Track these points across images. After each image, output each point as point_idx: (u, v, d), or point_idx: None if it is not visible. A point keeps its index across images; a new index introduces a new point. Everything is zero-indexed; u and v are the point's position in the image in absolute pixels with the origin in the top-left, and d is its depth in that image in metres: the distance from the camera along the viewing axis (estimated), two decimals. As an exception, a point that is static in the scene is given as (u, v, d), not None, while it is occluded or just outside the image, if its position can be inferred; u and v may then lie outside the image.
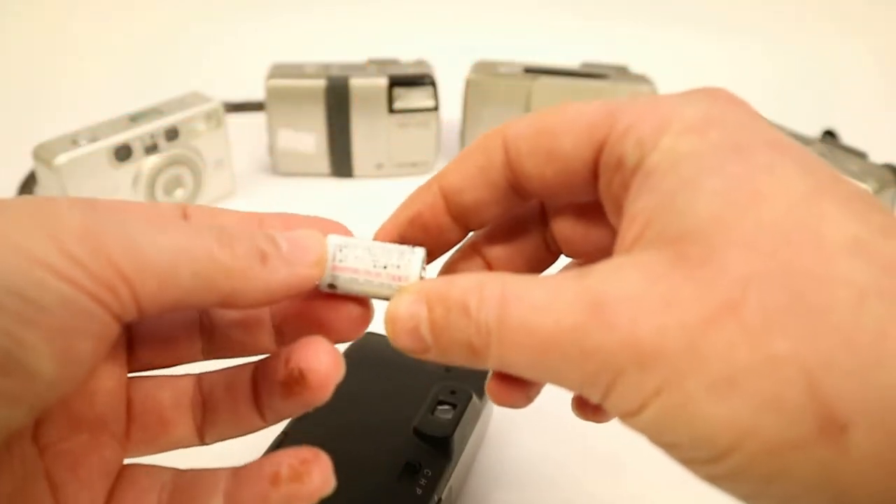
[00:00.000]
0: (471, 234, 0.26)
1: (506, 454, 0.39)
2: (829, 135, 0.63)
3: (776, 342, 0.16)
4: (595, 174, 0.22)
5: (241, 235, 0.21)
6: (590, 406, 0.25)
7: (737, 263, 0.17)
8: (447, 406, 0.34)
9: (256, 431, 0.24)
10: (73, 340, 0.18)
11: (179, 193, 0.57)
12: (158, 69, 0.80)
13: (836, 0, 0.88)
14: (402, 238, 0.25)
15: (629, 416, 0.18)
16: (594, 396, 0.18)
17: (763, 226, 0.17)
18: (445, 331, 0.20)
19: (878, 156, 0.54)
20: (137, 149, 0.53)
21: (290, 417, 0.23)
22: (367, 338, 0.39)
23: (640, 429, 0.18)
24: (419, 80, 0.61)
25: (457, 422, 0.33)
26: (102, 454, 0.23)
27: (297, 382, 0.21)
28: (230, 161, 0.60)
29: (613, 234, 0.22)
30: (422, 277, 0.23)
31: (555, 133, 0.22)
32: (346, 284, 0.23)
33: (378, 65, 0.62)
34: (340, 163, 0.63)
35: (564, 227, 0.25)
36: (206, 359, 0.25)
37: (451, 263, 0.27)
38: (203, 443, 0.25)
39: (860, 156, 0.53)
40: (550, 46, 0.81)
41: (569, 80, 0.62)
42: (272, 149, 0.63)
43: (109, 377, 0.23)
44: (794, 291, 0.16)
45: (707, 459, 0.17)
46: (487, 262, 0.26)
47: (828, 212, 0.17)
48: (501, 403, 0.24)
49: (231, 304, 0.21)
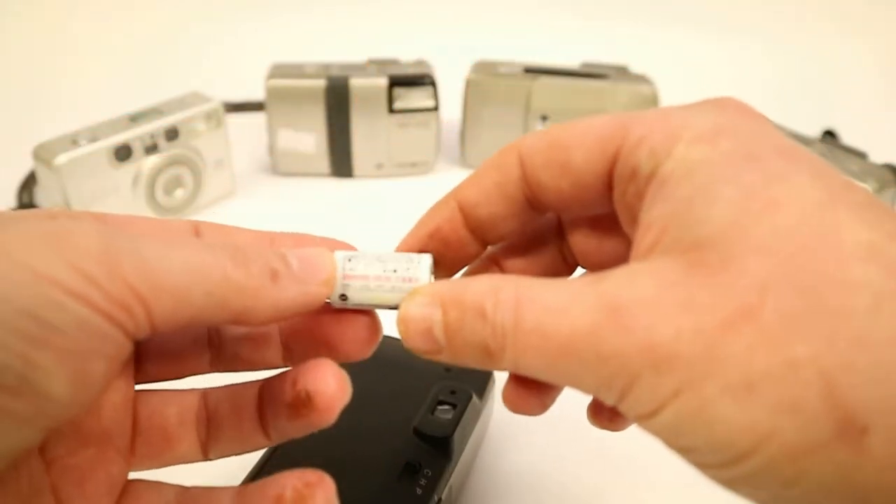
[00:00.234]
0: (489, 249, 0.26)
1: (506, 454, 0.39)
2: (829, 135, 0.63)
3: (794, 346, 0.16)
4: (609, 186, 0.22)
5: (255, 254, 0.21)
6: (605, 415, 0.25)
7: (753, 269, 0.17)
8: (447, 406, 0.34)
9: (260, 449, 0.24)
10: (87, 362, 0.18)
11: (179, 193, 0.57)
12: (158, 69, 0.81)
13: (836, 0, 0.88)
14: (422, 252, 0.25)
15: (645, 419, 0.18)
16: (610, 399, 0.19)
17: (779, 232, 0.17)
18: (459, 333, 0.20)
19: (878, 156, 0.54)
20: (137, 149, 0.53)
21: (295, 437, 0.23)
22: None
23: (657, 431, 0.18)
24: (419, 80, 0.61)
25: (457, 422, 0.33)
26: (109, 469, 0.23)
27: (304, 405, 0.22)
28: (230, 161, 0.60)
29: (629, 246, 0.22)
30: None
31: (568, 146, 0.22)
32: (358, 294, 0.23)
33: (378, 65, 0.62)
34: (340, 163, 0.63)
35: (581, 240, 0.26)
36: (214, 371, 0.25)
37: (469, 274, 0.27)
38: (207, 458, 0.25)
39: (860, 156, 0.53)
40: (550, 46, 0.81)
41: (569, 80, 0.62)
42: (272, 149, 0.63)
43: (116, 391, 0.23)
44: (811, 296, 0.16)
45: (724, 463, 0.17)
46: (504, 273, 0.27)
47: (842, 218, 0.17)
48: (517, 410, 0.24)
49: (241, 322, 0.21)
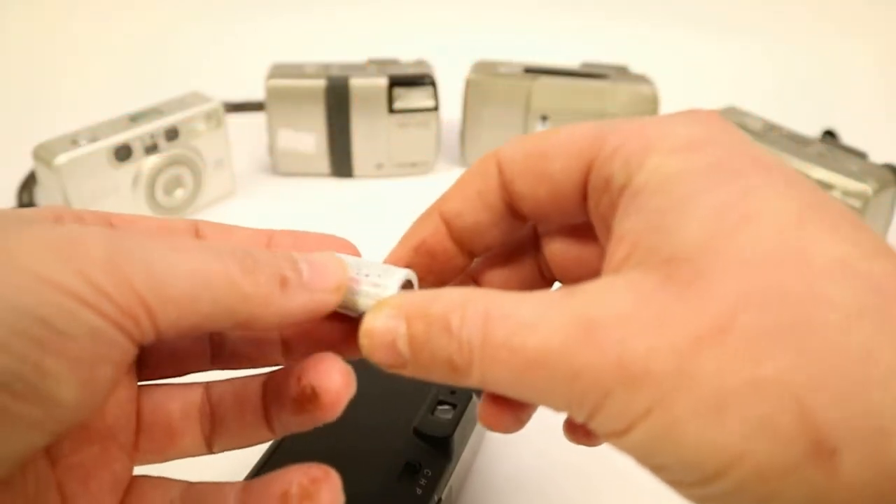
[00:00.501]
0: (475, 261, 0.26)
1: (506, 454, 0.39)
2: (829, 135, 0.63)
3: (765, 364, 0.16)
4: (585, 196, 0.22)
5: (265, 261, 0.21)
6: (581, 430, 0.25)
7: (726, 285, 0.17)
8: (447, 406, 0.34)
9: (264, 442, 0.24)
10: (96, 368, 0.18)
11: (179, 193, 0.57)
12: (158, 69, 0.81)
13: (836, 0, 0.88)
14: (410, 267, 0.25)
15: (616, 437, 0.18)
16: (580, 416, 0.18)
17: (752, 248, 0.17)
18: (425, 346, 0.20)
19: (878, 156, 0.54)
20: (137, 149, 0.53)
21: (300, 431, 0.23)
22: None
23: (628, 449, 0.18)
24: (419, 80, 0.61)
25: (457, 422, 0.33)
26: (113, 467, 0.23)
27: (310, 400, 0.22)
28: (230, 161, 0.60)
29: (603, 260, 0.22)
30: (410, 283, 0.23)
31: (546, 155, 0.22)
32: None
33: (378, 65, 0.62)
34: (340, 163, 0.63)
35: (557, 253, 0.25)
36: (215, 368, 0.26)
37: None
38: (211, 451, 0.25)
39: (860, 156, 0.53)
40: (550, 46, 0.81)
41: (569, 80, 0.62)
42: (272, 149, 0.63)
43: (120, 389, 0.23)
44: (782, 313, 0.16)
45: (696, 482, 0.17)
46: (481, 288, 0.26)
47: (815, 234, 0.17)
48: (494, 428, 0.24)
49: (246, 328, 0.21)
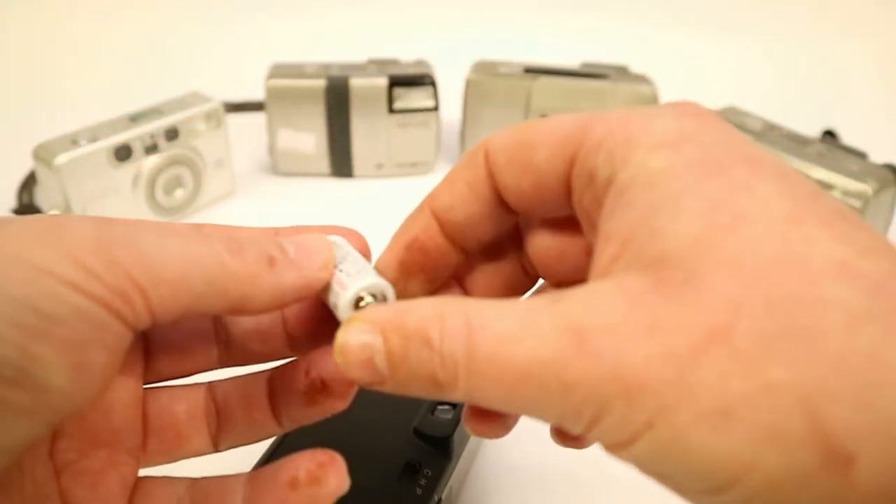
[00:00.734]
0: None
1: (506, 454, 0.39)
2: (829, 135, 0.63)
3: (771, 369, 0.15)
4: (569, 188, 0.21)
5: (250, 242, 0.21)
6: (570, 435, 0.24)
7: (722, 287, 0.16)
8: (447, 406, 0.34)
9: (272, 436, 0.24)
10: (87, 352, 0.18)
11: (179, 193, 0.57)
12: (158, 69, 0.80)
13: (836, 0, 0.88)
14: (403, 265, 0.24)
15: (619, 449, 0.17)
16: (577, 429, 0.17)
17: (747, 248, 0.17)
18: (404, 362, 0.19)
19: (878, 156, 0.54)
20: (137, 149, 0.53)
21: (308, 423, 0.24)
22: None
23: (632, 461, 0.17)
24: (419, 80, 0.61)
25: (457, 422, 0.33)
26: (120, 470, 0.23)
27: (319, 391, 0.22)
28: (230, 161, 0.60)
29: (589, 255, 0.21)
30: (361, 299, 0.22)
31: (531, 145, 0.22)
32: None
33: (378, 65, 0.62)
34: (340, 163, 0.63)
35: (540, 250, 0.25)
36: (222, 367, 0.25)
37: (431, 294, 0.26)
38: (217, 450, 0.25)
39: (860, 156, 0.53)
40: (550, 46, 0.81)
41: (569, 80, 0.62)
42: (272, 149, 0.63)
43: (125, 390, 0.23)
44: (784, 316, 0.16)
45: (705, 492, 0.16)
46: (465, 289, 0.26)
47: (812, 232, 0.17)
48: (481, 435, 0.23)
49: (242, 310, 0.21)
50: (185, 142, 0.56)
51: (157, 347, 0.24)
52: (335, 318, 0.22)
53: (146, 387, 0.24)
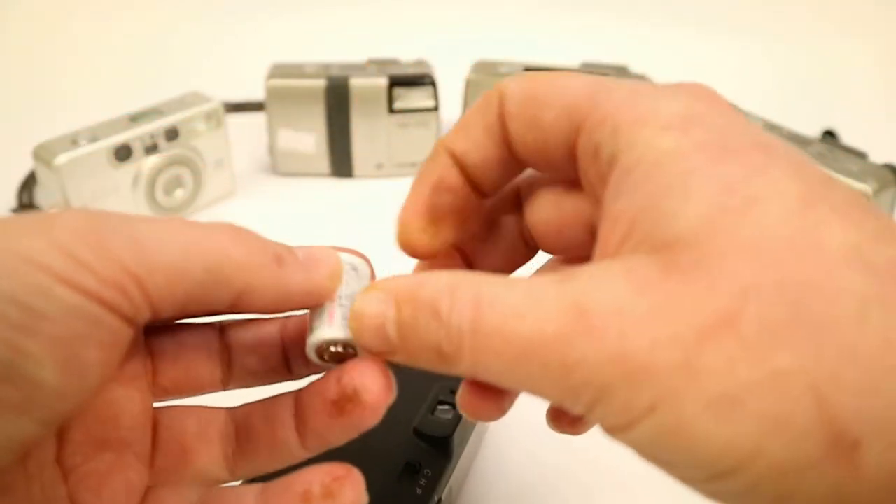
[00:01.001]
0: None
1: (506, 454, 0.39)
2: (829, 135, 0.63)
3: (779, 356, 0.15)
4: (573, 155, 0.21)
5: (257, 237, 0.21)
6: (566, 419, 0.24)
7: (732, 272, 0.16)
8: (447, 406, 0.34)
9: (295, 462, 0.23)
10: (79, 348, 0.18)
11: (179, 193, 0.57)
12: (158, 69, 0.80)
13: (836, 0, 0.88)
14: (432, 209, 0.24)
15: (618, 432, 0.17)
16: (577, 409, 0.17)
17: (759, 232, 0.16)
18: (414, 333, 0.19)
19: (878, 156, 0.54)
20: (137, 149, 0.53)
21: (336, 444, 0.23)
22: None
23: (631, 445, 0.17)
24: (419, 80, 0.61)
25: (457, 422, 0.33)
26: (127, 475, 0.22)
27: (350, 400, 0.21)
28: (230, 161, 0.60)
29: (588, 230, 0.21)
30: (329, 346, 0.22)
31: (541, 102, 0.21)
32: (341, 308, 0.22)
33: (378, 65, 0.62)
34: (340, 163, 0.63)
35: (539, 222, 0.24)
36: (225, 389, 0.25)
37: (431, 268, 0.26)
38: (234, 477, 0.24)
39: (860, 156, 0.53)
40: (550, 46, 0.81)
41: (569, 80, 0.62)
42: (272, 149, 0.63)
43: (133, 402, 0.23)
44: (795, 302, 0.15)
45: (707, 479, 0.16)
46: (466, 258, 0.26)
47: (824, 218, 0.16)
48: (474, 416, 0.23)
49: (245, 305, 0.20)
50: (185, 142, 0.56)
51: (161, 362, 0.24)
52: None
53: (158, 406, 0.24)
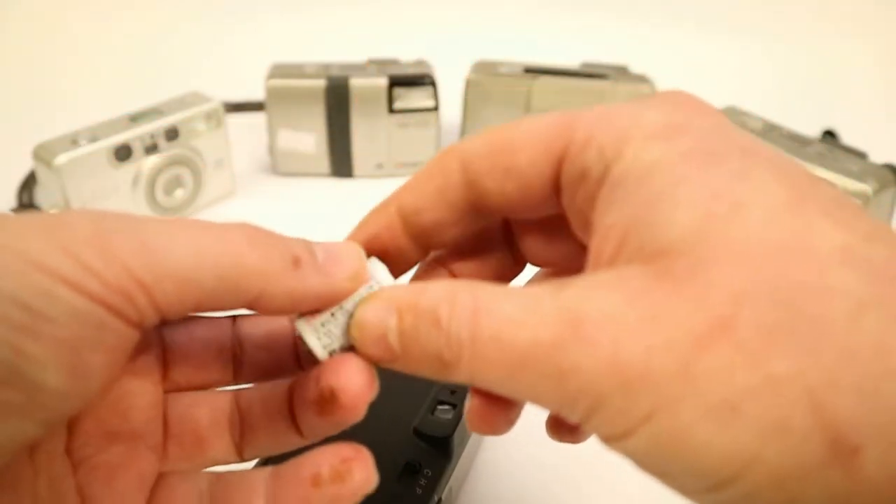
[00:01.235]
0: (432, 254, 0.25)
1: (506, 454, 0.39)
2: (829, 135, 0.63)
3: (775, 361, 0.15)
4: (556, 188, 0.21)
5: (276, 238, 0.20)
6: (565, 428, 0.24)
7: (725, 278, 0.16)
8: (447, 406, 0.34)
9: (296, 447, 0.24)
10: (83, 352, 0.18)
11: (179, 193, 0.57)
12: (158, 69, 0.80)
13: (836, 0, 0.88)
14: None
15: (615, 441, 0.17)
16: (574, 418, 0.17)
17: (748, 237, 0.16)
18: (415, 341, 0.19)
19: (878, 156, 0.54)
20: (137, 149, 0.53)
21: (329, 435, 0.23)
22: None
23: (628, 455, 0.17)
24: (419, 80, 0.61)
25: (457, 422, 0.33)
26: (139, 466, 0.22)
27: (328, 402, 0.21)
28: (230, 161, 0.60)
29: (580, 245, 0.21)
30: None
31: (511, 150, 0.21)
32: (332, 318, 0.22)
33: (378, 65, 0.62)
34: (340, 163, 0.63)
35: (530, 240, 0.24)
36: (236, 383, 0.25)
37: (416, 277, 0.26)
38: (242, 459, 0.24)
39: (860, 156, 0.53)
40: (550, 46, 0.81)
41: (569, 80, 0.62)
42: (272, 149, 0.63)
43: (144, 395, 0.23)
44: (789, 306, 0.15)
45: (705, 489, 0.16)
46: (453, 275, 0.26)
47: (812, 220, 0.16)
48: (482, 432, 0.23)
49: (259, 307, 0.20)
50: (185, 142, 0.56)
51: (174, 357, 0.24)
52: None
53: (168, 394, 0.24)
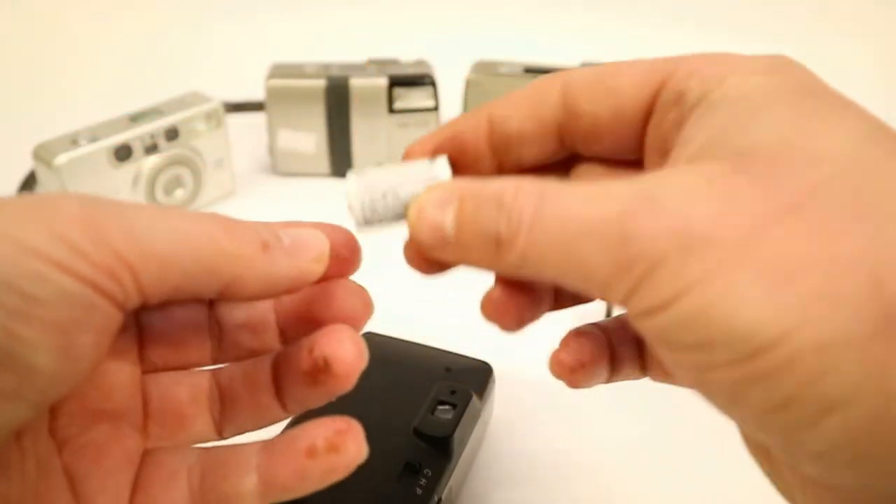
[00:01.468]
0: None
1: (506, 454, 0.39)
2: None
3: (842, 241, 0.16)
4: (647, 116, 0.22)
5: (244, 223, 0.21)
6: (566, 366, 0.24)
7: (803, 175, 0.17)
8: (447, 406, 0.34)
9: (277, 422, 0.24)
10: (74, 334, 0.18)
11: (179, 193, 0.57)
12: (158, 69, 0.80)
13: (836, 0, 0.88)
14: (436, 152, 0.25)
15: (657, 312, 0.17)
16: (621, 289, 0.17)
17: (832, 149, 0.17)
18: (472, 222, 0.20)
19: (878, 156, 0.54)
20: (137, 149, 0.53)
21: (314, 406, 0.23)
22: (368, 338, 0.39)
23: (666, 325, 0.17)
24: (419, 80, 0.61)
25: (457, 422, 0.33)
26: (124, 444, 0.23)
27: (322, 371, 0.21)
28: (230, 161, 0.60)
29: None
30: None
31: (616, 73, 0.22)
32: (381, 202, 0.23)
33: (378, 65, 0.62)
34: (340, 163, 0.63)
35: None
36: (215, 363, 0.25)
37: None
38: (221, 437, 0.25)
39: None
40: (550, 46, 0.81)
41: (569, 80, 0.62)
42: (272, 149, 0.63)
43: (123, 373, 0.23)
44: (862, 202, 0.16)
45: (738, 359, 0.16)
46: None
47: (893, 148, 0.17)
48: (494, 318, 0.22)
49: (232, 293, 0.21)
50: (185, 142, 0.56)
51: (151, 338, 0.24)
52: (332, 310, 0.23)
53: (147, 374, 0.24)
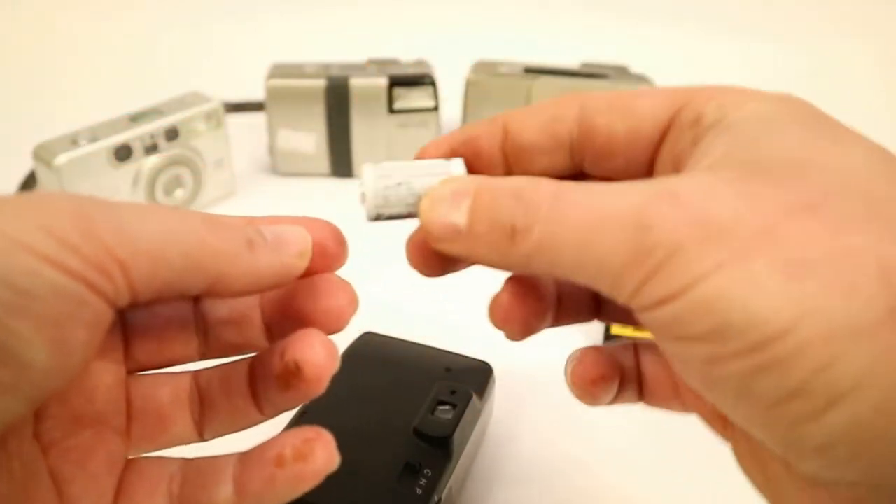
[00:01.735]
0: None
1: (506, 454, 0.39)
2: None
3: (854, 237, 0.17)
4: (662, 137, 0.23)
5: (228, 221, 0.22)
6: (588, 377, 0.25)
7: (817, 180, 0.18)
8: (447, 406, 0.34)
9: (256, 425, 0.25)
10: (67, 329, 0.18)
11: (179, 193, 0.57)
12: (158, 69, 0.80)
13: (837, 0, 0.88)
14: (452, 154, 0.25)
15: (671, 300, 0.17)
16: (633, 280, 0.18)
17: (844, 163, 0.18)
18: (488, 211, 0.20)
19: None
20: (137, 149, 0.53)
21: (289, 410, 0.24)
22: (367, 338, 0.39)
23: (679, 312, 0.17)
24: (419, 80, 0.61)
25: (457, 422, 0.33)
26: (108, 448, 0.23)
27: (293, 375, 0.22)
28: (230, 161, 0.60)
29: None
30: None
31: (636, 95, 0.23)
32: (395, 191, 0.23)
33: (378, 65, 0.62)
34: (340, 163, 0.63)
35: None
36: (202, 359, 0.26)
37: None
38: (202, 439, 0.25)
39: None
40: (550, 46, 0.81)
41: (569, 80, 0.62)
42: (272, 149, 0.63)
43: (107, 374, 0.24)
44: (873, 205, 0.17)
45: (748, 348, 0.16)
46: None
47: None
48: (502, 321, 0.23)
49: (219, 290, 0.21)
50: (185, 142, 0.56)
51: (137, 336, 0.25)
52: (317, 306, 0.23)
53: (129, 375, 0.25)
